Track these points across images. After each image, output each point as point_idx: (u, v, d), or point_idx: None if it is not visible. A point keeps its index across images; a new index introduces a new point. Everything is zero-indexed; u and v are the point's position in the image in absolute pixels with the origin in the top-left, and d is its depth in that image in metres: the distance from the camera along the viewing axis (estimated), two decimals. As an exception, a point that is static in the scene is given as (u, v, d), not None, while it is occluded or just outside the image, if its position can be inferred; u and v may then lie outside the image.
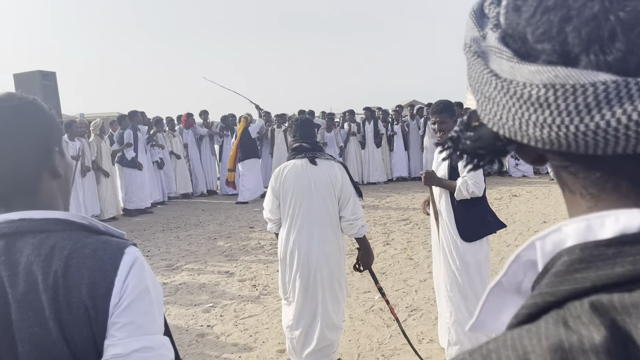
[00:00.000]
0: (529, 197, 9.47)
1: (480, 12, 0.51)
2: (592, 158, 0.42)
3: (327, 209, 3.10)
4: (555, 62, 0.41)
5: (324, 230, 3.10)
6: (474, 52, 0.49)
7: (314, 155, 3.13)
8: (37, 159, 1.02)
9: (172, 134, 11.09)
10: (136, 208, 9.47)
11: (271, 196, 3.17)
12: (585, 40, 0.39)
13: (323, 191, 3.08)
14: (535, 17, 0.42)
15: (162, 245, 7.08)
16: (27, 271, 0.94)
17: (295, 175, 3.09)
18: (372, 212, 8.91)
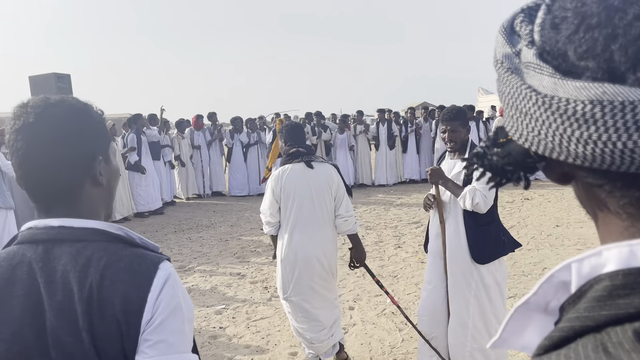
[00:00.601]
0: (542, 201, 9.41)
1: (510, 29, 0.51)
2: (632, 176, 0.41)
3: (326, 210, 3.27)
4: (600, 79, 0.40)
5: (325, 231, 3.28)
6: (507, 68, 0.49)
7: (310, 159, 3.27)
8: (80, 167, 1.01)
9: (181, 136, 11.18)
10: (146, 210, 9.55)
11: (272, 199, 3.26)
12: (632, 58, 0.39)
13: (322, 193, 3.24)
14: (577, 34, 0.42)
15: (175, 247, 7.13)
16: (63, 280, 0.95)
17: (294, 178, 3.22)
18: (382, 214, 8.90)
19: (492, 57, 0.53)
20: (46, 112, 0.99)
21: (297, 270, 3.25)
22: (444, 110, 3.21)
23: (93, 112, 1.05)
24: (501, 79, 0.49)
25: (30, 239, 0.99)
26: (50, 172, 0.98)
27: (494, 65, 0.52)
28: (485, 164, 0.54)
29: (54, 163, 0.98)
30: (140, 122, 9.72)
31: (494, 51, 0.53)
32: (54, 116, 0.99)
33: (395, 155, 12.53)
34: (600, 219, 0.47)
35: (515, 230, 7.14)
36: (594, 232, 6.06)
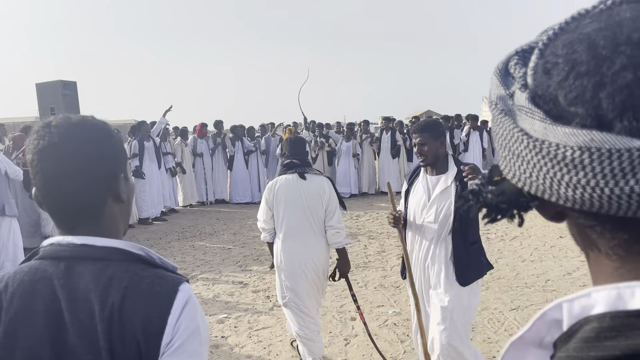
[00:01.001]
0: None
1: (505, 70, 0.52)
2: (621, 219, 0.42)
3: (318, 219, 3.42)
4: (589, 126, 0.42)
5: (318, 239, 3.44)
6: (500, 110, 0.50)
7: (304, 171, 3.42)
8: (104, 186, 1.03)
9: (184, 143, 11.22)
10: (149, 216, 9.59)
11: (265, 208, 3.45)
12: (620, 107, 0.40)
13: (313, 202, 3.39)
14: (568, 81, 0.43)
15: (178, 255, 7.15)
16: (85, 298, 0.96)
17: (287, 188, 3.39)
18: (386, 223, 8.89)
19: (488, 97, 0.55)
20: (70, 132, 1.00)
21: (294, 276, 3.42)
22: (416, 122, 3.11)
23: (112, 131, 1.07)
24: (495, 120, 0.51)
25: (53, 255, 1.00)
26: (76, 191, 1.00)
27: (488, 106, 0.54)
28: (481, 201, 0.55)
29: (79, 183, 0.99)
30: (144, 129, 9.76)
31: (489, 92, 0.54)
32: (78, 136, 1.00)
33: (399, 164, 12.54)
34: (591, 258, 0.49)
35: (519, 241, 7.13)
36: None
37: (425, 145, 2.89)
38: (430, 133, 2.89)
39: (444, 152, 2.97)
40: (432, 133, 2.89)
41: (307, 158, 3.66)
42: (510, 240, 7.27)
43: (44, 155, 0.99)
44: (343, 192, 12.09)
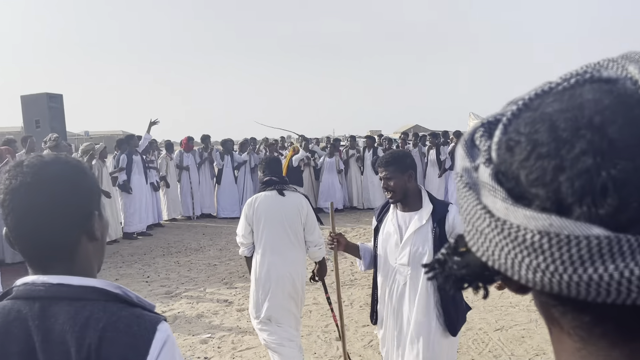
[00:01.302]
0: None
1: (471, 142, 0.51)
2: (583, 303, 0.42)
3: (296, 234, 3.57)
4: (549, 209, 0.41)
5: (295, 253, 3.58)
6: (465, 183, 0.50)
7: (282, 188, 3.57)
8: (78, 224, 1.02)
9: (169, 157, 11.18)
10: (135, 231, 9.50)
11: (245, 223, 3.56)
12: (579, 192, 0.40)
13: (292, 218, 3.54)
14: (529, 161, 0.43)
15: (162, 271, 7.07)
16: (60, 340, 0.94)
17: (266, 204, 3.52)
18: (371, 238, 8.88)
19: (455, 168, 0.55)
20: (43, 171, 0.99)
21: (271, 289, 3.52)
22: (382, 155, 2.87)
23: (86, 169, 1.07)
24: (459, 193, 0.50)
25: (27, 295, 0.98)
26: (49, 231, 0.99)
27: (454, 178, 0.53)
28: (446, 271, 0.55)
29: (53, 222, 0.98)
30: (133, 143, 9.71)
31: (456, 162, 0.55)
32: (51, 176, 0.99)
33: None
34: (554, 334, 0.48)
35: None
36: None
37: (392, 180, 2.66)
38: (396, 166, 2.66)
39: (415, 186, 2.73)
40: (398, 166, 2.66)
41: (284, 176, 3.81)
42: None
43: (15, 196, 0.97)
44: (327, 207, 12.12)
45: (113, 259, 7.83)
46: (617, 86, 0.45)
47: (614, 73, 0.46)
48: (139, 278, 6.72)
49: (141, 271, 7.08)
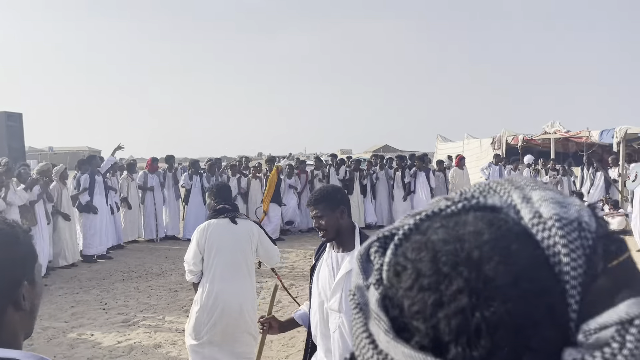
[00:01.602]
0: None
1: (366, 256, 0.50)
2: None
3: (246, 261, 3.61)
4: (427, 346, 0.41)
5: (244, 281, 3.61)
6: (356, 303, 0.48)
7: (234, 215, 3.60)
8: (4, 294, 0.98)
9: (130, 177, 10.94)
10: (95, 254, 9.23)
11: (196, 250, 3.56)
12: (455, 331, 0.40)
13: (243, 246, 3.58)
14: (412, 291, 0.43)
15: (121, 297, 6.86)
16: None
17: (218, 232, 3.54)
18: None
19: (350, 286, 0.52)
20: None
21: (215, 316, 3.54)
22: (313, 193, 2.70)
23: (19, 236, 1.02)
24: (350, 315, 0.49)
25: None
26: None
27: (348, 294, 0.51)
28: None
29: None
30: (95, 163, 9.52)
31: (352, 278, 0.52)
32: None
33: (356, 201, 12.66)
34: None
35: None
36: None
37: (323, 219, 2.49)
38: (327, 203, 2.50)
39: (348, 223, 2.55)
40: (329, 203, 2.50)
41: (235, 203, 3.90)
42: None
43: None
44: (292, 228, 12.09)
45: (70, 284, 7.58)
46: (499, 216, 0.45)
47: (498, 200, 0.47)
48: (95, 305, 6.50)
49: (99, 297, 6.86)
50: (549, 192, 0.46)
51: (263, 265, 4.18)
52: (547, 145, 15.27)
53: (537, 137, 15.34)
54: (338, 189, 2.75)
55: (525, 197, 0.46)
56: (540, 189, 0.47)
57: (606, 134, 12.60)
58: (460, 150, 18.86)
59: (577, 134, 13.77)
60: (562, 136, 14.23)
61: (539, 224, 0.44)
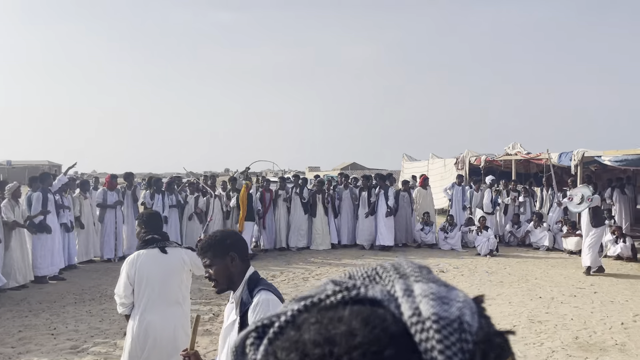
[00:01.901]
0: (455, 274, 9.62)
1: (242, 348, 0.46)
2: None
3: (179, 290, 3.58)
4: None
5: (175, 310, 3.56)
6: None
7: (164, 245, 3.54)
8: None
9: (83, 196, 10.62)
10: (47, 274, 8.88)
11: (126, 282, 3.48)
12: None
13: (174, 275, 3.54)
14: None
15: (71, 322, 6.58)
16: None
17: (148, 263, 3.48)
18: (301, 285, 8.73)
19: None
20: None
21: (147, 349, 3.48)
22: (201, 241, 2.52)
23: None
24: None
25: None
26: None
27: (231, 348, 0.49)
28: None
29: None
30: (48, 182, 9.22)
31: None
32: None
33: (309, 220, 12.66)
34: None
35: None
36: (502, 310, 6.12)
37: (212, 267, 2.34)
38: (215, 251, 2.33)
39: (241, 269, 2.37)
40: (217, 250, 2.33)
41: (165, 232, 3.81)
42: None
43: None
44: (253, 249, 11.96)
45: (20, 307, 7.25)
46: (378, 312, 0.42)
47: (380, 292, 0.44)
48: (44, 330, 6.22)
49: (48, 322, 6.57)
50: (432, 285, 0.44)
51: None
52: (508, 166, 15.57)
53: (499, 158, 15.64)
54: (228, 235, 2.47)
55: (407, 289, 0.44)
56: (423, 281, 0.45)
57: (564, 156, 12.92)
58: (425, 170, 19.08)
59: (537, 155, 14.08)
60: (522, 158, 14.54)
61: (418, 323, 0.41)
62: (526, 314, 6.82)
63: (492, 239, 11.75)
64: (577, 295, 7.92)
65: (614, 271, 9.85)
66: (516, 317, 6.65)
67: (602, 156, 12.20)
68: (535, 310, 6.99)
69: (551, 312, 6.94)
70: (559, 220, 12.60)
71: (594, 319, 6.59)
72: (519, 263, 10.76)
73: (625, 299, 7.61)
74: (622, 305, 7.30)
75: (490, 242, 11.64)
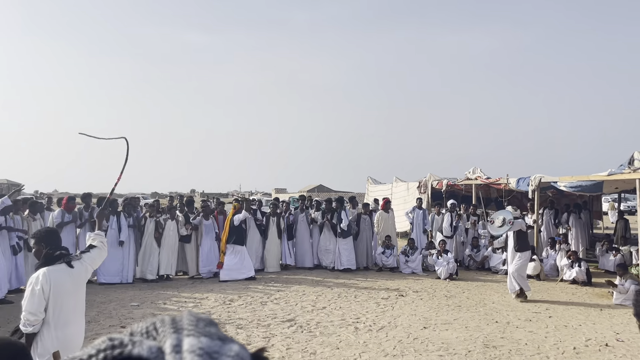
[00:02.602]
0: (414, 298, 9.62)
1: None
2: None
3: (83, 303, 3.79)
4: None
5: (82, 322, 3.79)
6: None
7: (70, 259, 3.65)
8: None
9: (32, 217, 10.20)
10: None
11: (42, 299, 3.49)
12: None
13: (81, 289, 3.73)
14: None
15: (13, 349, 6.26)
16: None
17: (62, 278, 3.58)
18: (258, 309, 8.57)
19: None
20: None
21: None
22: None
23: None
24: None
25: None
26: None
27: None
28: None
29: None
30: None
31: None
32: None
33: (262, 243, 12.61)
34: None
35: (385, 332, 7.15)
36: (457, 335, 6.13)
37: None
38: None
39: None
40: None
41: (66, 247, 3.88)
42: (377, 330, 7.27)
43: None
44: (205, 273, 11.72)
45: (-42, 333, 6.88)
46: None
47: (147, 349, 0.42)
48: (-18, 359, 5.90)
49: (-12, 349, 6.24)
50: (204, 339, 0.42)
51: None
52: (469, 190, 15.83)
53: (460, 182, 15.88)
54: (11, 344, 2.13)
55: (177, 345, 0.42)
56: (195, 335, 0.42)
57: (522, 181, 13.21)
58: (389, 193, 19.23)
59: (497, 180, 14.36)
60: (482, 182, 14.79)
61: None
62: (482, 339, 6.84)
63: (452, 262, 11.85)
64: (532, 319, 8.01)
65: (569, 295, 10.03)
66: (472, 342, 6.66)
67: (558, 182, 12.53)
68: (490, 335, 7.02)
69: (506, 336, 6.99)
70: (517, 244, 12.80)
71: (547, 344, 6.66)
72: (477, 287, 10.86)
73: (579, 323, 7.74)
74: (575, 329, 7.42)
75: (450, 266, 11.73)
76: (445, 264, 11.74)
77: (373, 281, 11.43)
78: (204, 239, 11.83)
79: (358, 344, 6.56)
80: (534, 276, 11.78)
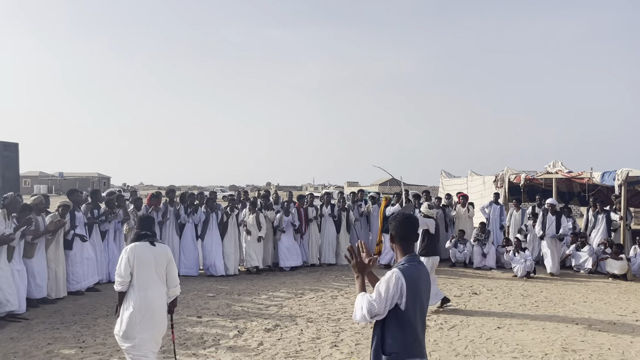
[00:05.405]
0: (489, 296, 9.31)
1: None
2: None
3: (161, 274, 4.69)
4: None
5: (162, 288, 4.71)
6: None
7: (153, 240, 4.74)
8: None
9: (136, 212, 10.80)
10: (80, 289, 9.10)
11: (127, 265, 4.55)
12: None
13: (161, 262, 4.69)
14: None
15: (100, 335, 6.66)
16: None
17: (142, 251, 4.63)
18: (329, 303, 8.64)
19: None
20: None
21: (145, 317, 4.51)
22: None
23: None
24: None
25: None
26: None
27: None
28: None
29: None
30: (95, 197, 9.52)
31: None
32: None
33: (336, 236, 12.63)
34: None
35: (456, 331, 6.98)
36: (534, 337, 5.86)
37: None
38: None
39: None
40: None
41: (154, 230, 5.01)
42: (449, 329, 7.11)
43: None
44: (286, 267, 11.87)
45: (53, 319, 7.44)
46: None
47: None
48: (72, 343, 6.33)
49: (78, 334, 6.70)
50: None
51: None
52: (549, 184, 15.07)
53: (539, 176, 15.15)
54: None
55: None
56: None
57: (608, 176, 12.40)
58: (464, 187, 18.68)
59: (579, 174, 13.57)
60: (563, 176, 14.04)
61: None
62: (560, 341, 6.52)
63: (529, 260, 11.35)
64: (616, 323, 7.53)
65: (660, 298, 9.33)
66: (549, 345, 6.37)
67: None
68: (570, 338, 6.67)
69: (587, 340, 6.62)
70: (602, 242, 12.06)
71: (633, 350, 6.24)
72: (557, 286, 10.34)
73: (670, 329, 7.18)
74: (666, 335, 6.89)
75: (527, 264, 11.25)
76: (522, 262, 11.27)
77: (446, 278, 11.17)
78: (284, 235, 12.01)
79: (428, 342, 6.44)
80: (621, 276, 11.06)
